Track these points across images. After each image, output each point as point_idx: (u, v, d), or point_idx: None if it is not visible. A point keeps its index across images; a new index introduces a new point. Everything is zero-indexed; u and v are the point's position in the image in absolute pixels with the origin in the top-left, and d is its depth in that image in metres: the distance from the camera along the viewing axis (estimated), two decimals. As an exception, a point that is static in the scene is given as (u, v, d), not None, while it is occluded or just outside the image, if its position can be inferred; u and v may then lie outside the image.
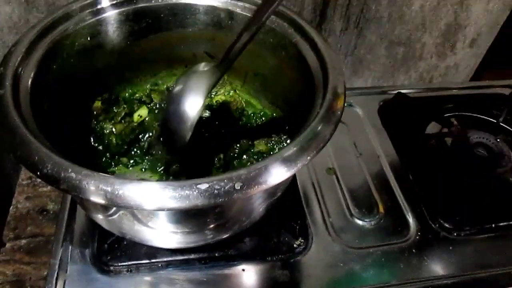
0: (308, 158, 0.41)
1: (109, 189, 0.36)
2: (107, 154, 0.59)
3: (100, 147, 0.60)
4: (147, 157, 0.61)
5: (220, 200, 0.36)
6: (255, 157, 0.60)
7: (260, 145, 0.61)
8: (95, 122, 0.61)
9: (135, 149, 0.60)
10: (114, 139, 0.59)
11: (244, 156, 0.60)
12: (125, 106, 0.64)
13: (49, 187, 0.74)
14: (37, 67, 0.48)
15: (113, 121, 0.60)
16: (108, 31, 0.58)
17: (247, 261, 0.59)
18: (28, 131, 0.40)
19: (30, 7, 0.70)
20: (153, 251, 0.58)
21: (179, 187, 0.36)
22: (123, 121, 0.62)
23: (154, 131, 0.62)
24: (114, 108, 0.63)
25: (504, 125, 0.82)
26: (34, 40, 0.49)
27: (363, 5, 0.83)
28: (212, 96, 0.70)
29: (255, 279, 0.58)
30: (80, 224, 0.62)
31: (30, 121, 0.43)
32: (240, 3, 0.59)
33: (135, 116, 0.63)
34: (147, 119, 0.64)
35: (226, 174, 0.37)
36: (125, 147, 0.59)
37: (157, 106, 0.66)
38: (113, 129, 0.59)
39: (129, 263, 0.58)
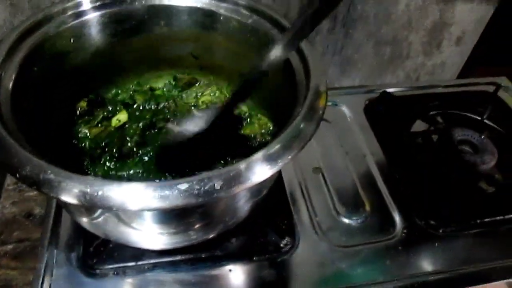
0: (289, 157, 0.41)
1: (88, 190, 0.36)
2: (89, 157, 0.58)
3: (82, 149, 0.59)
4: (128, 162, 0.60)
5: (201, 200, 0.36)
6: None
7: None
8: (76, 123, 0.60)
9: (110, 154, 0.59)
10: (87, 143, 0.58)
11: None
12: (109, 108, 0.64)
13: (35, 192, 0.73)
14: (18, 69, 0.48)
15: (89, 125, 0.59)
16: (91, 33, 0.58)
17: (234, 261, 0.59)
18: (7, 133, 0.40)
19: (15, 10, 0.70)
20: (140, 253, 0.58)
21: (159, 187, 0.36)
22: (99, 125, 0.61)
23: (134, 136, 0.61)
24: (98, 109, 0.63)
25: (488, 122, 0.83)
26: (15, 42, 0.49)
27: (350, 4, 0.83)
28: (198, 96, 0.69)
29: (242, 279, 0.58)
30: (65, 228, 0.62)
31: (10, 123, 0.42)
32: (223, 4, 0.59)
33: (113, 121, 0.62)
34: (127, 124, 0.63)
35: (207, 173, 0.37)
36: (98, 151, 0.58)
37: (140, 109, 0.65)
38: (88, 133, 0.58)
39: (116, 265, 0.58)
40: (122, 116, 0.63)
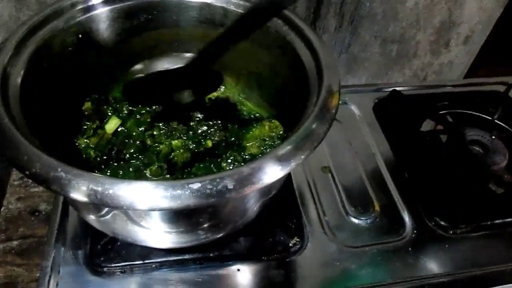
0: (302, 157, 0.40)
1: (99, 188, 0.35)
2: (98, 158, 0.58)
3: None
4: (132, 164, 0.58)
5: (213, 200, 0.36)
6: (247, 158, 0.59)
7: (253, 148, 0.60)
8: (85, 123, 0.60)
9: (117, 160, 0.58)
10: (92, 152, 0.57)
11: (235, 157, 0.59)
12: (113, 106, 0.63)
13: (41, 188, 0.73)
14: (26, 65, 0.47)
15: (85, 136, 0.59)
16: (100, 29, 0.58)
17: (242, 261, 0.59)
18: (17, 130, 0.39)
19: (20, 5, 0.69)
20: (147, 252, 0.58)
21: (171, 186, 0.36)
22: (96, 134, 0.60)
23: (133, 139, 0.60)
24: (104, 107, 0.62)
25: (499, 122, 0.82)
26: (24, 38, 0.49)
27: (357, 2, 0.83)
28: (204, 93, 0.69)
29: (250, 279, 0.58)
30: (72, 225, 0.61)
31: (20, 120, 0.42)
32: (234, 0, 0.58)
33: (107, 128, 0.61)
34: (124, 128, 0.62)
35: (219, 173, 0.37)
36: (104, 158, 0.57)
37: (142, 111, 0.64)
38: (89, 143, 0.58)
39: (123, 264, 0.57)
40: (114, 122, 0.61)
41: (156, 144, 0.60)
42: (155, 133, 0.62)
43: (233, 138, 0.61)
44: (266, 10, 0.46)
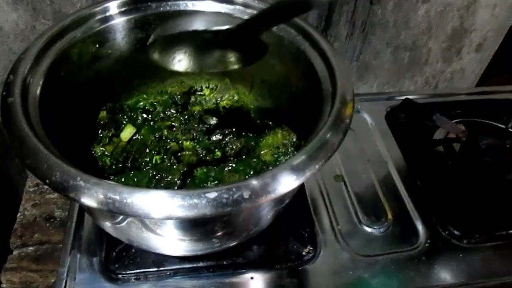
0: (317, 167, 0.40)
1: (117, 197, 0.36)
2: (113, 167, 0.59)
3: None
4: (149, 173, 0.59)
5: (229, 209, 0.36)
6: (261, 165, 0.59)
7: (266, 156, 0.60)
8: (100, 132, 0.61)
9: (132, 168, 0.59)
10: (107, 160, 0.58)
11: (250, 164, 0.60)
12: (128, 114, 0.65)
13: (56, 194, 0.74)
14: (45, 74, 0.48)
15: (101, 144, 0.60)
16: (117, 39, 0.59)
17: (255, 269, 0.59)
18: (37, 139, 0.40)
19: (36, 14, 0.70)
20: (161, 259, 0.58)
21: (188, 195, 0.36)
22: (111, 142, 0.61)
23: (149, 148, 0.61)
24: (119, 115, 0.63)
25: (513, 130, 0.82)
26: (43, 48, 0.50)
27: (369, 10, 0.83)
28: (218, 102, 0.69)
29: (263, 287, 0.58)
30: (88, 232, 0.62)
31: (39, 129, 0.43)
32: (248, 10, 0.59)
33: (122, 136, 0.62)
34: (138, 136, 0.63)
35: (235, 183, 0.37)
36: (120, 165, 0.58)
37: (160, 116, 0.66)
38: (104, 151, 0.59)
39: (137, 271, 0.58)
40: (128, 131, 0.62)
41: (169, 140, 0.61)
42: (174, 124, 0.64)
43: (250, 145, 0.61)
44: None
